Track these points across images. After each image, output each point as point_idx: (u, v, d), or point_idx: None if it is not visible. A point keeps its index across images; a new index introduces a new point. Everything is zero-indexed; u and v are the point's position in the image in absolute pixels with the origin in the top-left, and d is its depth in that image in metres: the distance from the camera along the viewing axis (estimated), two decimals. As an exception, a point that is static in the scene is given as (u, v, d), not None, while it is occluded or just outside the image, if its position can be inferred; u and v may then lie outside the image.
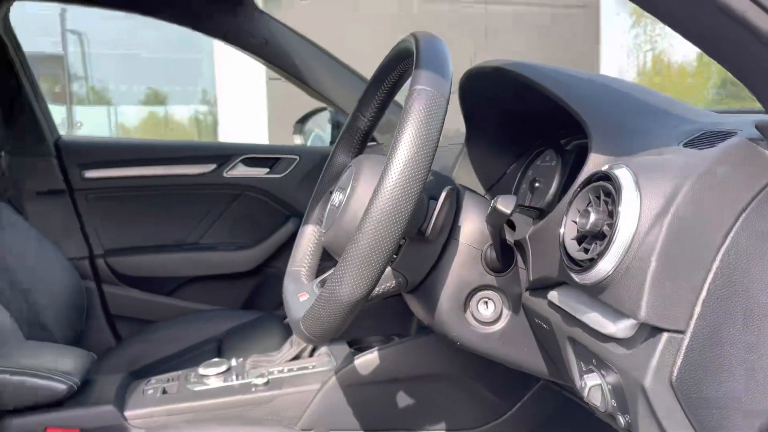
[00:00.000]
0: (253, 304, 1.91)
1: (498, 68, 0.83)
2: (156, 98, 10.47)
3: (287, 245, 1.89)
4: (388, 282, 0.78)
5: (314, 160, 1.90)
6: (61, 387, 1.03)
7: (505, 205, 0.68)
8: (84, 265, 1.75)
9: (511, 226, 0.82)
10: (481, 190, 1.04)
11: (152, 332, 1.69)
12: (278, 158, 1.90)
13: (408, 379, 1.14)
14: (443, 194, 0.72)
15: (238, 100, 6.07)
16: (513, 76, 0.80)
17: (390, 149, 0.64)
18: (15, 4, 1.62)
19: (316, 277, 0.91)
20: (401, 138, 0.63)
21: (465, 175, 1.04)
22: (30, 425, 1.01)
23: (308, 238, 0.94)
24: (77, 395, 1.06)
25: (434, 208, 0.72)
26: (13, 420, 1.00)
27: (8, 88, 1.64)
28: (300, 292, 0.84)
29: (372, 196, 0.64)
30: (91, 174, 1.77)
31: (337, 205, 0.78)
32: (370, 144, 1.00)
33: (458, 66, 0.75)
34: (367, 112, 0.93)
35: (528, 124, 0.95)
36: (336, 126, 2.00)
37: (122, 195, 1.81)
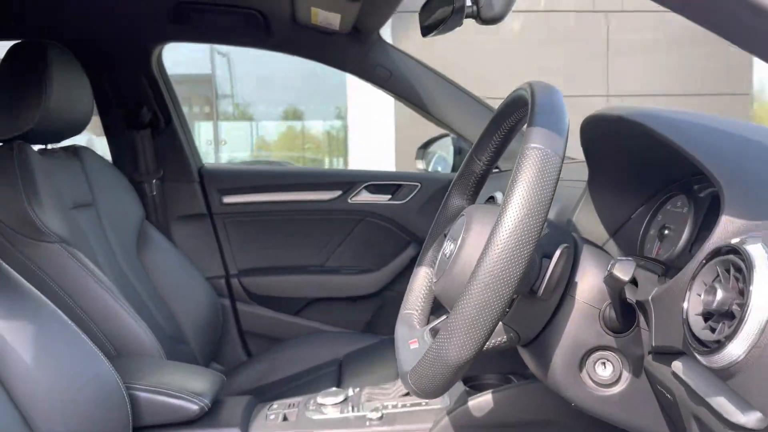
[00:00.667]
0: (373, 327, 1.95)
1: (621, 118, 0.79)
2: (294, 114, 11.07)
3: (408, 270, 1.92)
4: (498, 337, 0.76)
5: (435, 187, 1.91)
6: (194, 407, 1.11)
7: (623, 271, 0.64)
8: (220, 284, 1.89)
9: (634, 281, 0.77)
10: (604, 234, 0.99)
11: (279, 350, 1.78)
12: (400, 185, 1.94)
13: (523, 424, 1.10)
14: (557, 253, 0.69)
15: (367, 115, 6.25)
16: (639, 127, 0.76)
17: (500, 209, 0.63)
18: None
19: (429, 320, 0.92)
20: (512, 199, 0.62)
21: (587, 217, 1.00)
22: None
23: (421, 282, 0.95)
24: (206, 416, 1.14)
25: (547, 267, 0.70)
26: None
27: (160, 121, 1.81)
28: (411, 339, 0.85)
29: (480, 256, 0.63)
30: (228, 199, 1.91)
31: (448, 255, 0.78)
32: (493, 171, 0.99)
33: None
34: (483, 156, 0.92)
35: (657, 169, 0.89)
36: (458, 152, 2.00)
37: (256, 219, 1.93)
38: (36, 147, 1.43)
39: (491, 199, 1.30)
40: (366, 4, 1.38)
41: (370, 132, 6.23)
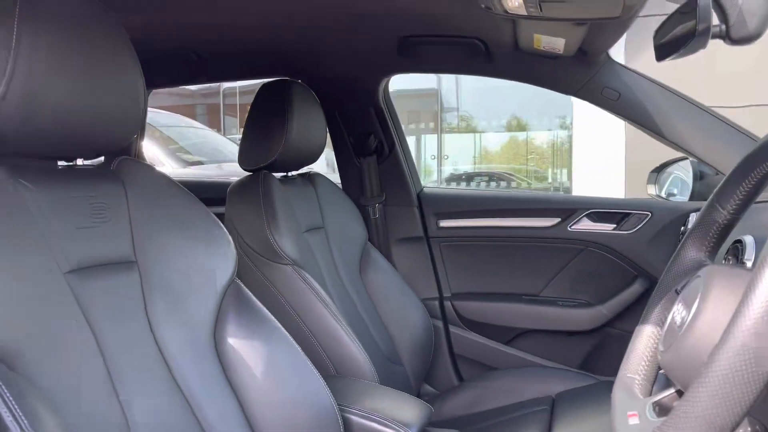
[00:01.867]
0: (590, 365, 1.82)
1: None
2: (517, 125, 10.97)
3: (634, 307, 1.75)
4: (740, 429, 0.65)
5: (668, 218, 1.72)
6: (401, 437, 1.14)
7: None
8: (434, 306, 1.92)
9: None
10: None
11: (490, 379, 1.75)
12: (627, 213, 1.78)
13: None
14: None
15: (594, 127, 5.92)
16: None
17: (750, 283, 0.53)
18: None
19: (653, 390, 0.82)
20: (765, 274, 0.52)
21: None
22: None
23: (645, 343, 0.85)
24: None
25: None
26: None
27: (385, 148, 1.91)
28: (630, 410, 0.76)
29: (722, 339, 0.53)
30: (445, 223, 1.93)
31: (678, 323, 0.68)
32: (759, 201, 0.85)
33: None
34: (727, 204, 0.79)
35: None
36: (699, 177, 1.78)
37: (471, 243, 1.93)
38: (278, 174, 1.60)
39: (738, 243, 1.13)
40: (593, 27, 1.29)
41: (597, 143, 5.89)
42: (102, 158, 1.01)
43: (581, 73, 1.58)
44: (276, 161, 1.50)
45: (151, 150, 4.07)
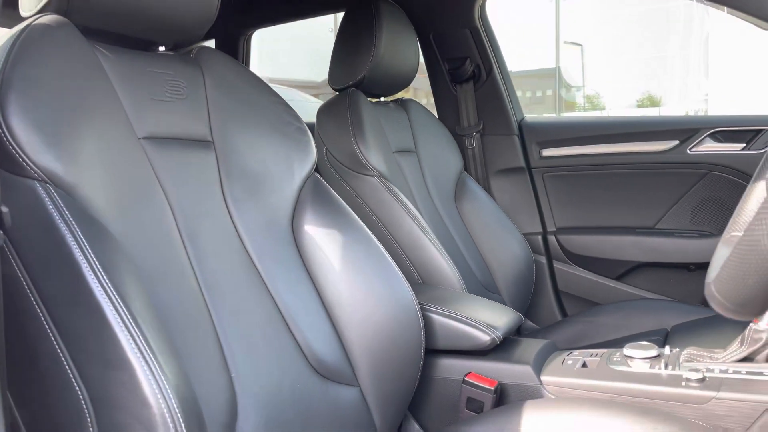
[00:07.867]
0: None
1: None
2: (650, 100, 10.26)
3: None
4: None
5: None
6: (485, 338, 1.08)
7: None
8: (536, 240, 1.82)
9: None
10: None
11: (596, 314, 1.63)
12: (758, 131, 1.57)
13: None
14: None
15: (733, 101, 5.38)
16: None
17: None
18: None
19: None
20: None
21: None
22: (455, 367, 1.09)
23: (756, 200, 0.73)
24: (500, 350, 1.09)
25: None
26: (441, 360, 1.10)
27: (482, 74, 1.82)
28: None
29: None
30: (548, 152, 1.82)
31: None
32: None
33: None
34: None
35: None
36: None
37: (576, 173, 1.80)
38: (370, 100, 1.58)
39: None
40: None
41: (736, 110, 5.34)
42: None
43: None
44: (365, 80, 1.47)
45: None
